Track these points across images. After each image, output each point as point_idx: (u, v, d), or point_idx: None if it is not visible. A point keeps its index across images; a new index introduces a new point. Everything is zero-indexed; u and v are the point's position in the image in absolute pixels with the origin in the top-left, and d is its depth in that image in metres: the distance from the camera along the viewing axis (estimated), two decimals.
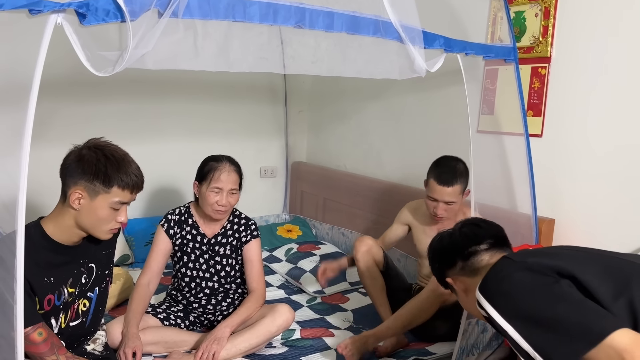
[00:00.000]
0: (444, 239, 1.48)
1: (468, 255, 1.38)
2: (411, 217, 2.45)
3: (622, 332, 1.04)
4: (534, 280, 1.17)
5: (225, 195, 2.07)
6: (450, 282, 1.44)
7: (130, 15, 1.28)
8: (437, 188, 2.15)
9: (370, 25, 1.73)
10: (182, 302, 2.24)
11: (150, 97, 3.29)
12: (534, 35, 2.38)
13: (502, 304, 1.17)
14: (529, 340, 1.12)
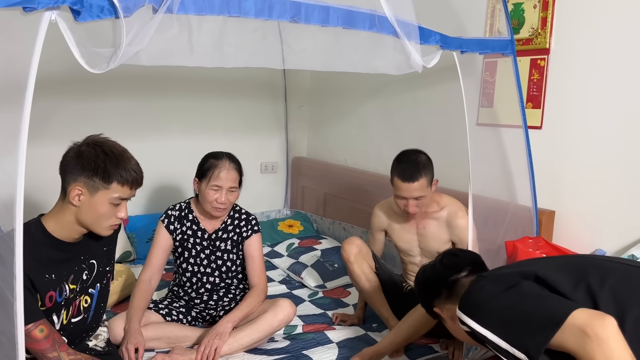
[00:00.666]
0: (427, 272, 1.59)
1: (451, 284, 1.48)
2: (385, 218, 2.35)
3: (580, 311, 1.15)
4: (500, 286, 1.29)
5: (225, 193, 2.07)
6: (437, 312, 1.52)
7: (124, 11, 1.28)
8: (402, 186, 2.08)
9: (366, 20, 1.73)
10: (184, 298, 2.25)
11: (150, 94, 3.30)
12: (533, 26, 2.37)
13: (478, 314, 1.28)
14: (504, 337, 1.21)
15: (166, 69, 2.79)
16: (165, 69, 2.62)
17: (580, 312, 1.14)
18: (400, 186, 2.09)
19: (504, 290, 1.28)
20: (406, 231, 2.29)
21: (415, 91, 3.05)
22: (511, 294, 1.27)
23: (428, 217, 2.24)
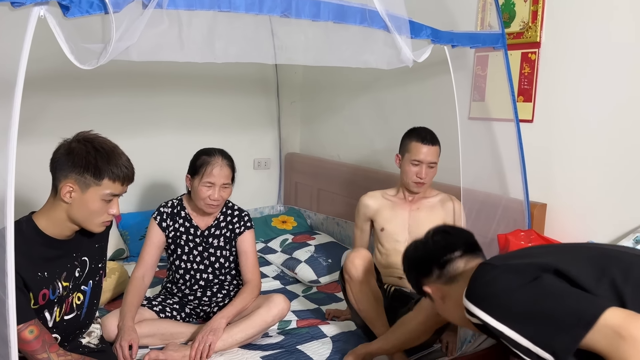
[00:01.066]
0: (419, 249, 1.52)
1: (444, 264, 1.42)
2: (373, 205, 2.34)
3: (613, 311, 1.08)
4: (519, 279, 1.20)
5: (218, 189, 2.07)
6: (427, 291, 1.47)
7: (113, 7, 1.28)
8: (422, 148, 2.18)
9: (357, 14, 1.74)
10: (178, 295, 2.24)
11: (142, 90, 3.29)
12: (524, 20, 2.38)
13: (493, 307, 1.20)
14: (527, 335, 1.14)
15: (157, 65, 2.78)
16: (156, 65, 2.62)
17: (613, 312, 1.08)
18: (419, 149, 2.18)
19: (524, 283, 1.19)
20: (397, 215, 2.30)
21: (407, 85, 3.06)
22: (533, 288, 1.18)
23: (423, 200, 2.30)
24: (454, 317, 1.45)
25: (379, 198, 2.37)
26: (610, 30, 2.12)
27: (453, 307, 1.35)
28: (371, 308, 2.04)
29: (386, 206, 2.34)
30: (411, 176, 2.22)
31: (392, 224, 2.30)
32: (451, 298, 1.40)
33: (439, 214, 2.27)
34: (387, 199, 2.36)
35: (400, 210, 2.31)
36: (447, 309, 1.42)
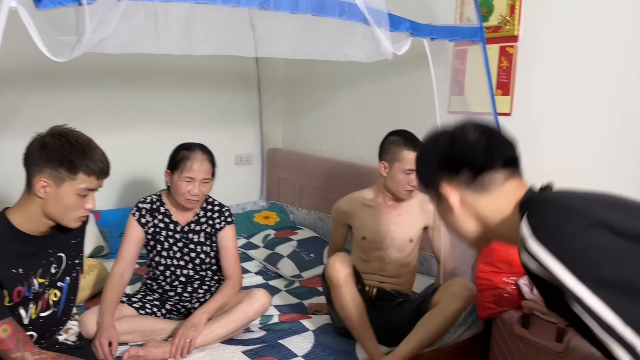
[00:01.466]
0: (456, 143, 1.19)
1: (481, 169, 1.15)
2: (351, 212, 2.25)
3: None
4: (621, 244, 0.94)
5: (198, 184, 2.06)
6: (444, 192, 1.18)
7: None
8: (414, 156, 2.08)
9: (336, 6, 1.73)
10: (158, 291, 2.23)
11: (120, 85, 3.24)
12: (502, 14, 2.40)
13: (578, 263, 0.94)
14: (618, 310, 0.90)
15: (135, 60, 2.74)
16: (134, 59, 2.57)
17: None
18: (413, 158, 1.97)
19: (628, 249, 0.93)
20: (378, 222, 2.22)
21: (388, 80, 3.06)
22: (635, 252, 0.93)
23: (403, 204, 2.24)
24: (463, 230, 1.21)
25: (356, 203, 2.26)
26: (587, 24, 2.14)
27: (468, 219, 1.15)
28: (357, 315, 1.99)
29: (366, 213, 2.24)
30: (403, 185, 2.13)
31: (374, 232, 2.21)
32: (471, 208, 1.17)
33: (420, 218, 2.25)
34: (366, 204, 2.25)
35: (381, 216, 2.22)
36: (460, 219, 1.18)
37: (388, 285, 2.23)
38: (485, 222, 1.14)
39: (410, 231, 2.22)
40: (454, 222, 1.22)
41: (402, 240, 2.20)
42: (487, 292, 2.10)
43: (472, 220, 1.17)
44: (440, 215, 1.25)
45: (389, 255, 2.19)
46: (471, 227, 1.17)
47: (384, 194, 2.23)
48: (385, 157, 2.16)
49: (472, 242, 1.21)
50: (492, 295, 2.08)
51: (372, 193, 2.27)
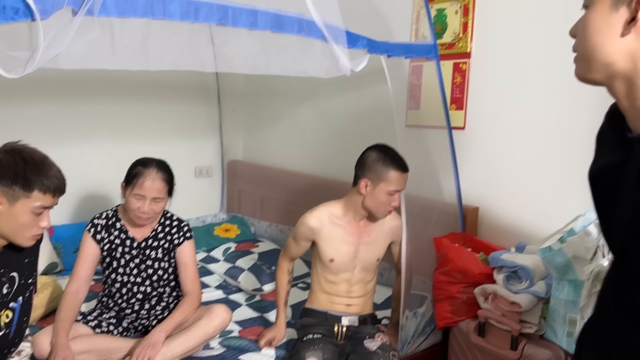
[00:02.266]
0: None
1: None
2: (319, 229, 2.09)
3: None
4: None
5: (148, 202, 2.03)
6: None
7: (40, 13, 1.24)
8: (402, 177, 1.98)
9: (294, 24, 1.76)
10: (114, 309, 2.18)
11: (74, 98, 3.17)
12: (455, 31, 2.48)
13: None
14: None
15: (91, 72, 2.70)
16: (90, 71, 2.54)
17: None
18: (400, 178, 1.98)
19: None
20: (346, 243, 2.08)
21: (348, 93, 3.11)
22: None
23: (374, 224, 2.12)
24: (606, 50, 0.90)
25: (325, 221, 2.09)
26: (537, 41, 2.25)
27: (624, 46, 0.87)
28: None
29: (335, 234, 2.08)
30: (386, 206, 2.01)
31: (344, 254, 2.09)
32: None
33: (388, 236, 2.16)
34: (335, 223, 2.09)
35: (350, 237, 2.09)
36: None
37: (355, 307, 2.15)
38: (635, 62, 0.88)
39: (379, 251, 2.16)
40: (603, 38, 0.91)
41: (370, 261, 2.14)
42: (444, 301, 2.16)
43: (621, 47, 0.88)
44: (593, 19, 0.91)
45: (356, 276, 2.13)
46: (616, 49, 0.89)
47: (356, 211, 2.07)
48: (369, 175, 2.00)
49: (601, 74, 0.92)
50: (449, 304, 2.14)
51: (341, 209, 2.11)
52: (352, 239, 2.09)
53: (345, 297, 2.14)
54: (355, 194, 2.06)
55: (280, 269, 2.21)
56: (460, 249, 2.20)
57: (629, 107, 0.90)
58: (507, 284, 1.98)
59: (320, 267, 2.14)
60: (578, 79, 0.96)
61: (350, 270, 2.12)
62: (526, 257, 2.03)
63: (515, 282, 1.97)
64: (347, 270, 2.11)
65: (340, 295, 2.14)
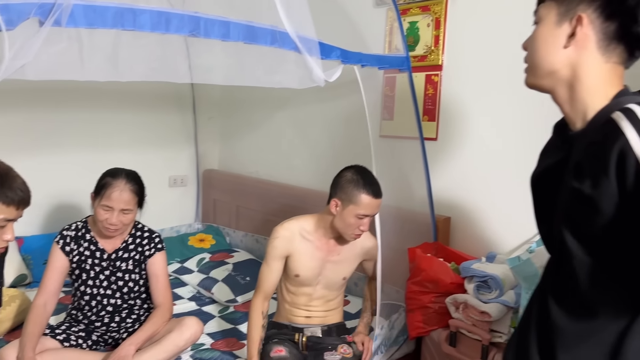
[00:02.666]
0: None
1: None
2: (292, 243, 2.04)
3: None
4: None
5: (116, 214, 2.00)
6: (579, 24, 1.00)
7: (6, 24, 1.22)
8: (374, 203, 1.94)
9: (267, 35, 1.76)
10: (84, 322, 2.14)
11: (44, 107, 3.11)
12: (427, 44, 2.52)
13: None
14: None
15: (61, 80, 2.66)
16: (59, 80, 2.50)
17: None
18: (371, 203, 1.93)
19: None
20: (314, 258, 2.04)
21: (324, 103, 3.12)
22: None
23: (345, 245, 2.09)
24: (551, 58, 1.05)
25: (297, 235, 2.04)
26: (504, 53, 2.29)
27: (564, 51, 1.02)
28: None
29: (304, 248, 2.04)
30: (354, 229, 1.96)
31: (309, 269, 2.05)
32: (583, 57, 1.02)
33: (358, 257, 2.14)
34: (306, 238, 2.04)
35: (318, 253, 2.05)
36: (560, 46, 1.04)
37: (316, 319, 2.12)
38: (574, 71, 1.01)
39: (346, 270, 2.12)
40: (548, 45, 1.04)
41: (334, 280, 2.10)
42: (416, 311, 2.17)
43: (563, 58, 1.02)
44: (541, 33, 1.06)
45: (317, 292, 2.10)
46: (559, 59, 1.02)
47: (326, 229, 2.04)
48: (340, 195, 1.96)
49: (546, 75, 1.05)
50: (421, 314, 2.15)
51: (312, 224, 2.07)
52: (320, 255, 2.04)
53: (304, 309, 2.10)
54: (327, 212, 2.03)
55: (254, 311, 2.01)
56: (432, 259, 2.22)
57: (570, 110, 1.03)
58: (477, 294, 2.00)
59: (283, 276, 2.11)
60: (527, 86, 1.10)
61: (313, 285, 2.08)
62: (496, 266, 2.06)
63: (485, 292, 1.99)
64: (309, 285, 2.08)
65: (299, 307, 2.11)
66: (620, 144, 0.89)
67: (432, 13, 2.50)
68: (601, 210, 0.92)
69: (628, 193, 0.89)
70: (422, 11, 2.53)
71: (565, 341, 1.00)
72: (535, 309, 1.10)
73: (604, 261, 0.96)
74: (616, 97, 0.98)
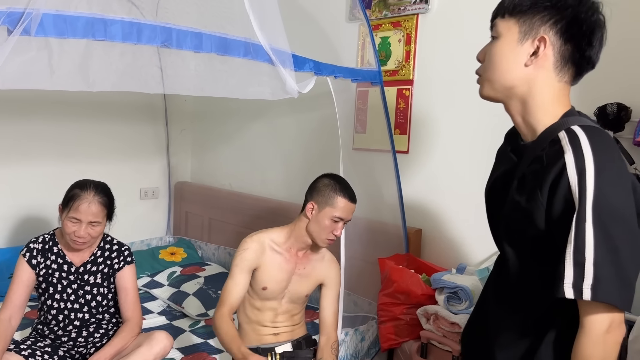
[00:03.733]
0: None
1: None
2: (261, 255, 1.99)
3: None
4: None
5: (84, 226, 1.96)
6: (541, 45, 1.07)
7: None
8: (349, 207, 1.95)
9: (241, 47, 1.77)
10: (50, 337, 2.08)
11: (11, 117, 3.04)
12: (398, 59, 2.57)
13: (605, 181, 0.96)
14: (599, 242, 0.94)
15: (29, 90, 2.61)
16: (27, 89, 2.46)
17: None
18: (346, 207, 1.94)
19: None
20: (282, 270, 2.00)
21: (298, 114, 3.13)
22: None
23: (311, 257, 2.07)
24: (510, 73, 1.12)
25: (265, 246, 2.00)
26: (473, 68, 2.34)
27: (525, 72, 1.09)
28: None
29: (272, 260, 1.99)
30: (327, 233, 1.95)
31: (277, 282, 2.00)
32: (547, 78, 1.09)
33: (321, 274, 2.07)
34: (275, 251, 2.01)
35: (286, 265, 2.01)
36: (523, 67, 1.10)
37: (284, 335, 2.06)
38: (530, 87, 1.09)
39: (309, 287, 2.07)
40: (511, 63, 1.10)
41: (299, 294, 2.06)
42: (388, 323, 2.18)
43: (522, 75, 1.09)
44: (502, 50, 1.11)
45: (282, 307, 2.05)
46: (519, 75, 1.09)
47: (297, 239, 2.01)
48: (316, 199, 1.96)
49: (505, 87, 1.11)
50: (393, 326, 2.17)
51: (283, 236, 2.03)
52: (288, 267, 2.01)
53: (270, 326, 2.03)
54: (301, 219, 2.01)
55: (221, 318, 1.89)
56: (403, 271, 2.24)
57: (522, 122, 1.12)
58: (447, 305, 2.03)
59: (248, 292, 2.02)
60: (482, 97, 1.19)
61: (279, 299, 2.03)
62: (466, 278, 2.09)
63: (455, 303, 2.02)
64: (275, 299, 2.03)
65: (265, 324, 2.03)
66: (559, 165, 0.99)
67: (403, 29, 2.55)
68: (534, 223, 1.02)
69: (554, 210, 0.99)
70: (394, 27, 2.58)
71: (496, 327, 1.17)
72: (481, 300, 1.28)
73: (530, 265, 1.08)
74: (564, 116, 1.07)
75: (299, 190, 3.08)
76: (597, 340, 0.96)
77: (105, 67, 1.59)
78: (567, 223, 0.97)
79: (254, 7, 1.78)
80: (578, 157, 0.97)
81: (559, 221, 0.99)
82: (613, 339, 0.97)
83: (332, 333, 2.02)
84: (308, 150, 3.10)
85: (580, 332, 0.98)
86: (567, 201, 0.98)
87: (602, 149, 0.98)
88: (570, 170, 0.97)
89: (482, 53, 1.18)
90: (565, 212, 0.98)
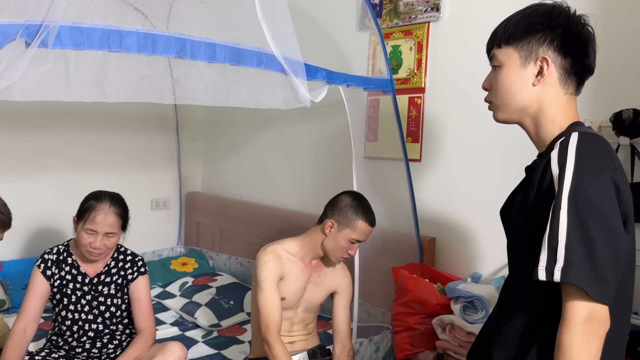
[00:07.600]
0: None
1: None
2: (282, 265, 1.99)
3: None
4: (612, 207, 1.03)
5: (101, 238, 1.96)
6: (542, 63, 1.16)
7: None
8: (368, 230, 1.98)
9: (254, 57, 1.78)
10: (64, 348, 2.08)
11: (26, 130, 3.08)
12: (410, 67, 2.57)
13: (584, 174, 1.01)
14: (573, 231, 0.98)
15: (43, 103, 2.64)
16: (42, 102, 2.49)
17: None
18: (366, 231, 1.97)
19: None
20: (299, 280, 2.01)
21: (309, 123, 3.12)
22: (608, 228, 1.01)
23: (325, 266, 2.09)
24: (518, 93, 1.21)
25: (282, 258, 2.00)
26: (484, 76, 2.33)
27: (537, 94, 1.18)
28: None
29: (289, 269, 2.00)
30: (343, 253, 1.98)
31: (294, 291, 2.01)
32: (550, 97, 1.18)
33: (334, 283, 2.10)
34: (291, 261, 2.01)
35: (302, 275, 2.03)
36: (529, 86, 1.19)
37: (299, 344, 2.07)
38: (540, 104, 1.17)
39: (322, 295, 2.09)
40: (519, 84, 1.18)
41: (313, 303, 2.08)
42: (403, 333, 2.16)
43: (532, 94, 1.17)
44: (508, 76, 1.20)
45: (298, 316, 2.07)
46: (529, 95, 1.17)
47: (311, 249, 2.02)
48: (337, 217, 1.96)
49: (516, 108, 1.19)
50: (408, 336, 2.14)
51: (296, 246, 2.04)
52: (304, 276, 2.02)
53: (286, 335, 2.03)
54: (317, 231, 2.01)
55: (275, 346, 1.85)
56: (418, 280, 2.22)
57: (535, 137, 1.20)
58: (463, 314, 2.01)
59: None
60: (497, 121, 1.28)
61: (295, 309, 2.04)
62: (481, 287, 2.07)
63: (471, 312, 2.00)
64: (291, 309, 2.03)
65: (281, 334, 1.97)
66: (545, 161, 1.08)
67: (414, 37, 2.55)
68: (528, 217, 1.11)
69: (541, 203, 1.06)
70: (405, 35, 2.58)
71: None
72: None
73: (525, 265, 1.11)
74: (570, 127, 1.15)
75: (311, 200, 3.09)
76: (575, 329, 0.98)
77: (121, 78, 1.60)
78: (549, 214, 1.03)
79: (267, 17, 1.79)
80: (562, 152, 1.05)
81: (544, 213, 1.04)
82: (593, 332, 0.98)
83: (347, 341, 2.05)
84: (319, 159, 3.10)
85: (561, 320, 1.01)
86: (550, 193, 1.05)
87: (587, 147, 1.05)
88: (554, 163, 1.05)
89: (487, 82, 1.29)
90: (549, 204, 1.03)
